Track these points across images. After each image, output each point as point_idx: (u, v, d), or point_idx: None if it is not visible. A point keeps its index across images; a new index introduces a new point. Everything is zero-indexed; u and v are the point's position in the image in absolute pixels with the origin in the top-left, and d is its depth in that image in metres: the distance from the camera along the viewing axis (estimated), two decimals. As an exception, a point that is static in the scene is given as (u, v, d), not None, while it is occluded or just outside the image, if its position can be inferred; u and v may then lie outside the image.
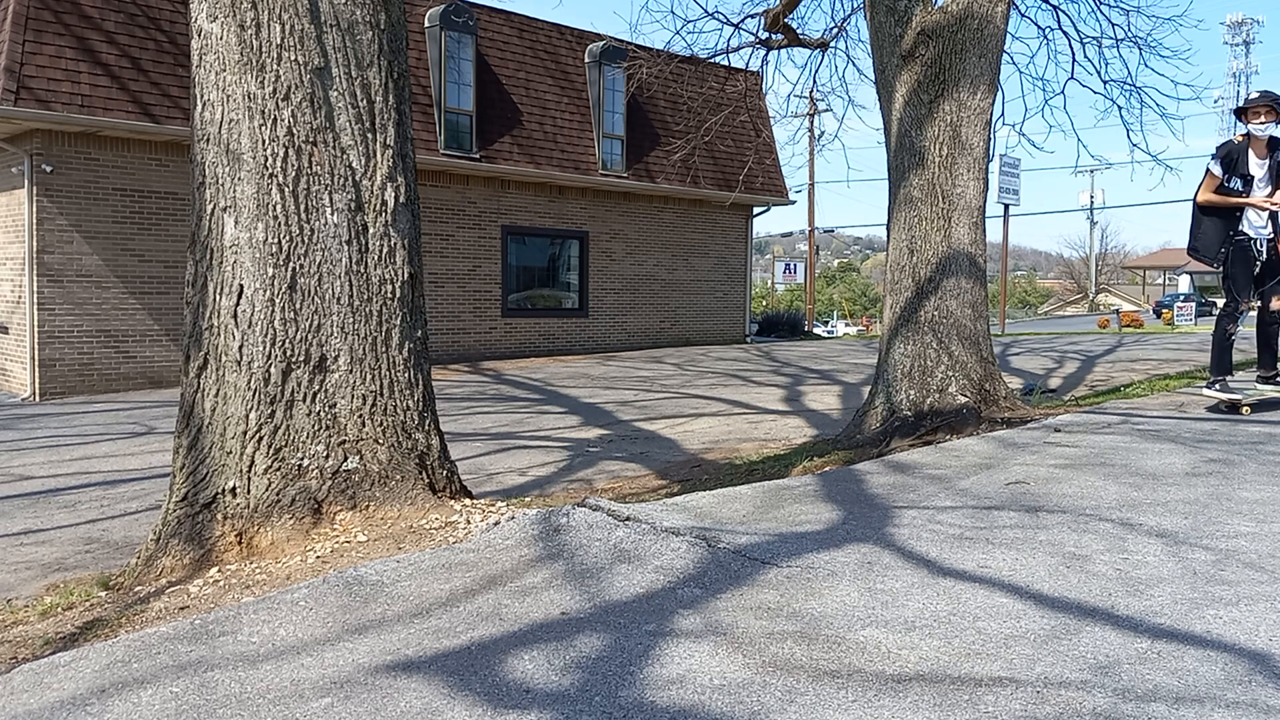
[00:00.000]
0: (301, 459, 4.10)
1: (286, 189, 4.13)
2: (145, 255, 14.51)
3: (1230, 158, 6.67)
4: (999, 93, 8.28)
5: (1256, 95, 6.63)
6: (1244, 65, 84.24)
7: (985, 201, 7.45)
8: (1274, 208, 6.60)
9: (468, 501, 4.42)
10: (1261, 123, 6.56)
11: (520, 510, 4.28)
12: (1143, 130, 41.31)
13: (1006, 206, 28.64)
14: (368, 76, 4.30)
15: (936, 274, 7.19)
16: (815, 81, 43.08)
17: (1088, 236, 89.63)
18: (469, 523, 4.09)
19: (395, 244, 4.36)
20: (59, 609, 3.97)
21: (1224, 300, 7.09)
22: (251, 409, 4.09)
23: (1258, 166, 6.63)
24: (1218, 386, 6.84)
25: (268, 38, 4.12)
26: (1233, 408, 6.77)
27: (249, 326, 4.12)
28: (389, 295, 4.34)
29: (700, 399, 12.03)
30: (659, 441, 9.08)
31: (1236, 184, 6.65)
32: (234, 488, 4.08)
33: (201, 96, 4.23)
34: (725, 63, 12.56)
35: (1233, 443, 5.63)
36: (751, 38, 11.39)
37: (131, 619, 3.52)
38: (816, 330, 38.84)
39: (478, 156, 17.65)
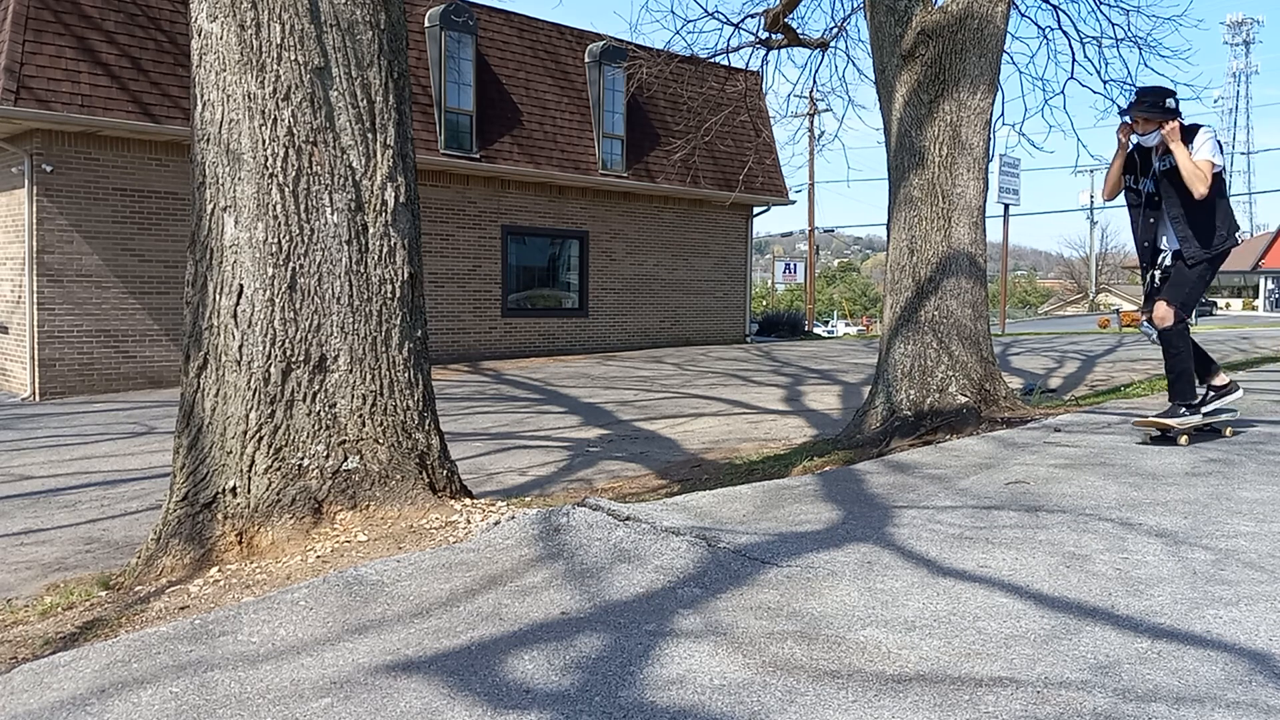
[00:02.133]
0: (301, 459, 4.10)
1: (286, 189, 4.13)
2: (145, 255, 14.52)
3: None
4: (999, 93, 8.28)
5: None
6: (1244, 65, 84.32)
7: (985, 201, 7.45)
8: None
9: (468, 501, 4.42)
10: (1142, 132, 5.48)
11: (520, 510, 4.28)
12: (1143, 130, 41.06)
13: (1006, 206, 28.68)
14: (368, 76, 4.30)
15: (936, 274, 7.19)
16: (815, 81, 43.18)
17: (1088, 236, 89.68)
18: (469, 522, 4.09)
19: (395, 244, 4.36)
20: (59, 609, 3.97)
21: None
22: (251, 409, 4.10)
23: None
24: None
25: (268, 38, 4.12)
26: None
27: (249, 326, 4.12)
28: (389, 295, 4.34)
29: (700, 399, 12.03)
30: (659, 441, 9.08)
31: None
32: (234, 487, 4.08)
33: (201, 96, 4.23)
34: (725, 63, 12.56)
35: (1232, 443, 5.63)
36: (751, 38, 11.39)
37: (131, 619, 3.52)
38: (816, 330, 38.83)
39: (478, 156, 17.65)
